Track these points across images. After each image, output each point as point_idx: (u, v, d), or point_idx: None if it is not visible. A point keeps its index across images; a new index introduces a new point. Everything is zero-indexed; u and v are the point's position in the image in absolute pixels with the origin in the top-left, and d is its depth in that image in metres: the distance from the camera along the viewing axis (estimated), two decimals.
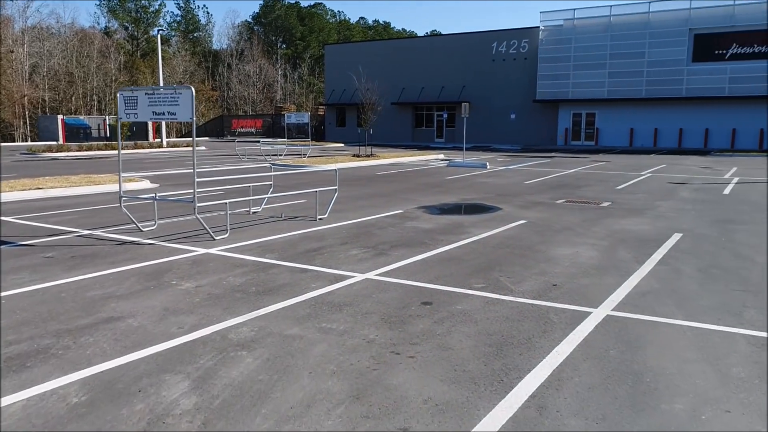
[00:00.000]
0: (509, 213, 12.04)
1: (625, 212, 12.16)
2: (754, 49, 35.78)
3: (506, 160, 27.94)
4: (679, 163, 25.93)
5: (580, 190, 16.24)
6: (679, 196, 14.91)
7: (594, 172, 21.52)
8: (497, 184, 17.79)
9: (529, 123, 44.07)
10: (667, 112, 38.85)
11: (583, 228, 10.30)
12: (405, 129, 50.05)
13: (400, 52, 49.34)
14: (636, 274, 7.06)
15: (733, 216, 11.65)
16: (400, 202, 13.57)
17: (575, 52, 40.82)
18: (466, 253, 8.22)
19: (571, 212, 12.16)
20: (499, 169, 23.20)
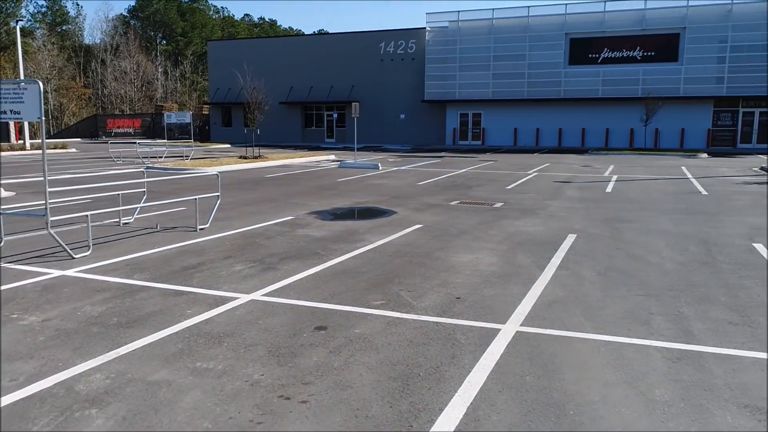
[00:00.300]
0: (405, 217, 11.60)
1: (518, 213, 12.10)
2: (624, 54, 38.16)
3: (398, 161, 27.79)
4: (561, 162, 26.94)
5: (472, 190, 16.19)
6: (567, 194, 15.21)
7: (484, 172, 21.76)
8: (391, 185, 17.40)
9: (419, 123, 44.47)
10: (547, 112, 40.57)
11: (480, 231, 10.03)
12: (294, 129, 48.93)
13: (288, 51, 48.15)
14: (539, 282, 6.77)
15: (619, 214, 11.90)
16: (290, 208, 12.77)
17: (461, 53, 41.63)
18: (362, 264, 7.61)
19: (467, 214, 11.93)
20: (391, 170, 22.91)
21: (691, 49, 36.57)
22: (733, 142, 36.75)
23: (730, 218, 11.36)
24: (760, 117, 36.32)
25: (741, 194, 15.14)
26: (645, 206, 13.07)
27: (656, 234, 9.76)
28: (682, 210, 12.45)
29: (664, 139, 37.66)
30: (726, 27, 35.80)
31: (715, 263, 7.68)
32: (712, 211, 12.25)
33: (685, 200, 14.01)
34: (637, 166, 24.28)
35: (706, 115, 37.21)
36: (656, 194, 15.19)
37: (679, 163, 26.21)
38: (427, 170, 22.51)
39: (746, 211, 12.23)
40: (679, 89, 36.93)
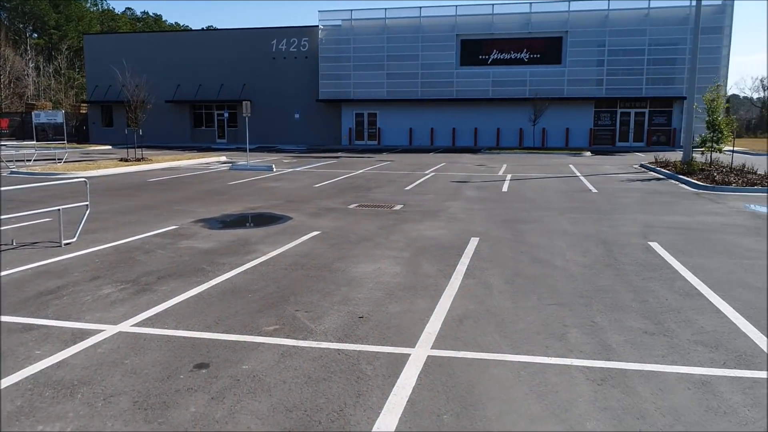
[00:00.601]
0: (301, 223, 10.87)
1: (419, 215, 11.71)
2: (512, 56, 39.35)
3: (293, 162, 26.87)
4: (457, 161, 27.17)
5: (371, 192, 15.70)
6: (465, 195, 15.08)
7: (382, 173, 21.39)
8: (286, 188, 16.56)
9: (314, 123, 43.63)
10: (441, 112, 41.08)
11: (381, 237, 9.50)
12: (183, 129, 46.47)
13: (175, 47, 45.64)
14: (447, 293, 6.30)
15: (518, 214, 11.82)
16: (174, 216, 11.64)
17: (355, 52, 41.25)
18: (254, 280, 6.83)
19: (367, 218, 11.38)
20: (286, 171, 22.00)
21: (573, 52, 38.33)
22: (613, 140, 38.93)
23: (622, 216, 11.57)
24: (635, 117, 38.70)
25: (627, 191, 15.67)
26: (541, 205, 13.13)
27: (557, 235, 9.66)
28: (578, 209, 12.60)
29: (551, 138, 39.25)
30: (604, 32, 37.82)
31: (618, 265, 7.58)
32: (605, 209, 12.47)
33: (579, 198, 14.26)
34: (528, 165, 24.89)
35: (588, 115, 39.16)
36: (551, 193, 15.41)
37: (566, 161, 27.21)
38: (324, 171, 21.82)
39: (635, 209, 12.56)
40: (563, 90, 38.61)
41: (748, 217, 11.35)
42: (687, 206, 12.92)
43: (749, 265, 7.51)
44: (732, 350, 4.69)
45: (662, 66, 37.34)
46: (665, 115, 38.31)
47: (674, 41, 37.14)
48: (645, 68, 37.53)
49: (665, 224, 10.62)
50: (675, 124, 38.13)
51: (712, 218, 11.27)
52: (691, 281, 6.76)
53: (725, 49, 36.44)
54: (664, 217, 11.38)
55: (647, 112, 38.51)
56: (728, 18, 36.29)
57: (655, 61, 37.40)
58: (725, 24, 36.17)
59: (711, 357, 4.55)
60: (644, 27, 37.30)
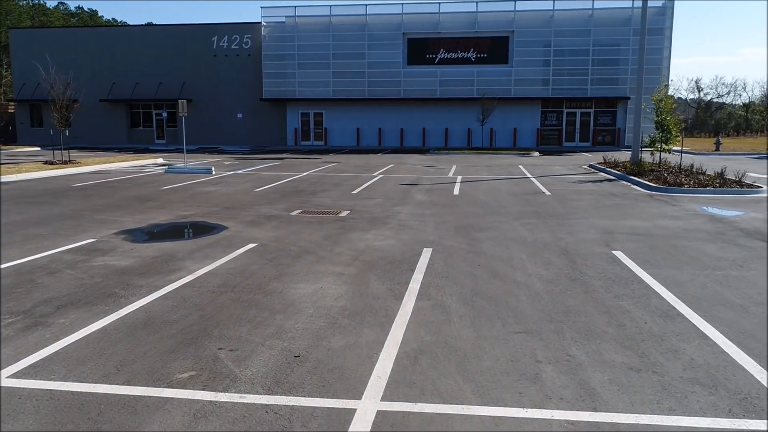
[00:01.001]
0: (237, 233, 9.85)
1: (367, 223, 10.86)
2: (459, 55, 39.00)
3: (234, 164, 25.60)
4: (405, 162, 26.47)
5: (316, 196, 14.75)
6: (415, 199, 14.33)
7: (328, 175, 20.44)
8: (224, 193, 15.43)
9: (259, 123, 42.22)
10: (388, 112, 40.37)
11: (325, 249, 8.60)
12: (119, 129, 44.22)
13: (109, 43, 43.32)
14: (399, 320, 5.47)
15: (472, 221, 11.12)
16: (94, 227, 10.43)
17: (299, 50, 40.08)
18: (173, 308, 5.82)
19: (310, 227, 10.45)
20: (226, 174, 20.78)
21: (520, 52, 38.27)
22: (559, 140, 39.09)
23: (580, 221, 11.03)
24: (581, 117, 38.96)
25: (581, 194, 15.24)
26: (495, 210, 12.49)
27: (515, 244, 8.98)
28: (533, 213, 12.00)
29: (499, 138, 39.08)
30: (549, 32, 37.89)
31: (584, 279, 6.92)
32: (560, 213, 11.92)
33: (533, 202, 13.71)
34: (478, 166, 24.40)
35: (535, 115, 39.19)
36: (503, 196, 14.83)
37: (516, 161, 26.89)
38: (267, 174, 20.71)
39: (592, 213, 12.06)
40: (511, 90, 38.50)
41: (707, 221, 10.97)
42: (643, 209, 12.51)
43: (722, 278, 6.97)
44: (733, 391, 4.01)
45: (606, 66, 37.70)
46: (610, 115, 38.70)
47: (617, 42, 37.54)
48: (590, 68, 37.80)
49: (625, 230, 10.10)
50: (620, 123, 38.57)
51: (672, 222, 10.84)
52: (666, 298, 6.13)
53: (666, 50, 37.06)
54: (623, 222, 10.89)
55: (593, 112, 38.82)
56: (669, 20, 36.92)
57: (600, 62, 37.72)
58: (666, 25, 36.78)
59: (712, 401, 3.86)
60: (588, 27, 37.57)
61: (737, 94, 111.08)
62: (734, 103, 77.88)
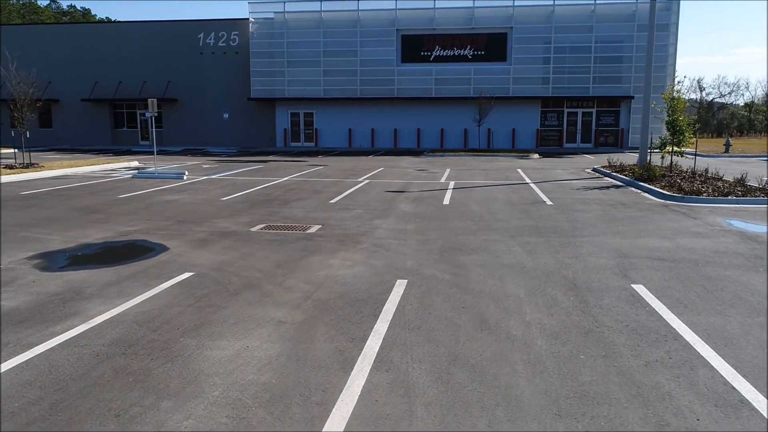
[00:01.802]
0: (176, 257, 8.16)
1: (336, 243, 9.17)
2: (455, 52, 37.29)
3: (213, 167, 23.89)
4: (396, 166, 24.78)
5: (288, 206, 13.05)
6: (399, 210, 12.63)
7: (309, 180, 18.75)
8: (186, 203, 13.73)
9: (247, 123, 40.50)
10: (382, 112, 38.67)
11: (274, 282, 6.91)
12: (103, 130, 42.50)
13: (91, 40, 41.59)
14: (336, 414, 3.76)
15: (461, 239, 9.43)
16: (12, 247, 8.73)
17: (289, 47, 38.36)
18: (22, 389, 4.12)
19: (268, 248, 8.75)
20: (199, 179, 19.08)
21: (519, 49, 36.56)
22: (560, 141, 37.38)
23: (587, 239, 9.33)
24: (582, 117, 37.26)
25: (586, 203, 13.55)
26: (489, 224, 10.80)
27: (510, 273, 7.29)
28: (532, 228, 10.31)
29: (497, 139, 37.37)
30: (549, 28, 36.19)
31: (601, 332, 5.22)
32: (564, 229, 10.23)
33: (532, 213, 12.02)
34: (474, 170, 22.71)
35: (535, 115, 37.48)
36: (499, 206, 13.13)
37: (514, 164, 25.19)
38: (243, 179, 19.01)
39: (601, 228, 10.37)
40: (509, 89, 36.80)
41: (738, 240, 9.27)
42: (660, 223, 10.82)
43: None
44: None
45: (609, 64, 35.99)
46: (613, 115, 36.99)
47: (620, 38, 35.84)
48: (592, 66, 36.10)
49: (643, 252, 8.41)
50: (623, 124, 36.86)
51: (697, 242, 9.14)
52: (718, 369, 4.43)
53: (672, 47, 35.36)
54: (639, 241, 9.20)
55: (595, 112, 37.10)
56: (675, 15, 35.21)
57: (602, 59, 36.02)
58: (672, 21, 35.06)
59: None
60: (590, 24, 35.87)
61: (740, 93, 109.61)
62: (736, 103, 76.32)
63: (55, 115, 42.83)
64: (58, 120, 42.81)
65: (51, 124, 43.04)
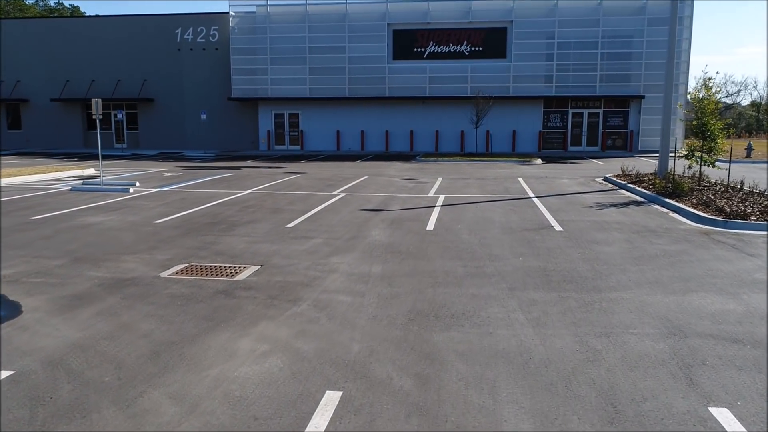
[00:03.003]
0: (14, 332, 5.46)
1: (264, 302, 6.48)
2: (451, 48, 34.56)
3: (176, 176, 21.20)
4: (383, 173, 22.09)
5: (231, 233, 10.35)
6: (369, 239, 9.93)
7: (276, 193, 16.05)
8: (107, 228, 11.04)
9: (227, 125, 37.77)
10: (372, 113, 35.95)
11: (122, 399, 4.20)
12: (74, 132, 39.76)
13: (62, 36, 38.84)
14: None
15: (441, 296, 6.75)
16: None
17: (272, 43, 35.62)
18: None
19: (163, 312, 6.05)
20: (148, 192, 16.39)
21: (519, 45, 33.85)
22: (564, 144, 34.65)
23: (617, 296, 6.64)
24: (588, 118, 34.52)
25: (604, 229, 10.85)
26: (482, 265, 8.11)
27: (509, 377, 4.58)
28: (539, 274, 7.62)
29: (496, 142, 34.64)
30: (552, 22, 33.47)
31: None
32: (583, 275, 7.54)
33: (537, 246, 9.32)
34: (469, 178, 20.00)
35: (537, 116, 34.76)
36: (496, 232, 10.43)
37: (514, 172, 22.49)
38: (200, 192, 16.32)
39: (631, 272, 7.67)
40: (509, 88, 34.08)
41: None
42: (709, 264, 8.12)
43: None
44: None
45: (617, 61, 33.27)
46: (621, 116, 34.26)
47: (629, 33, 33.11)
48: (598, 63, 33.38)
49: (705, 324, 5.71)
50: (632, 125, 34.13)
51: None
52: None
53: (686, 42, 32.60)
54: (691, 299, 6.50)
55: (602, 113, 34.36)
56: (689, 7, 32.46)
57: (610, 56, 33.30)
58: (686, 14, 32.28)
59: None
60: (597, 17, 33.14)
61: (748, 92, 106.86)
62: (741, 103, 73.69)
63: (24, 116, 40.15)
64: (28, 121, 40.12)
65: (20, 126, 40.36)
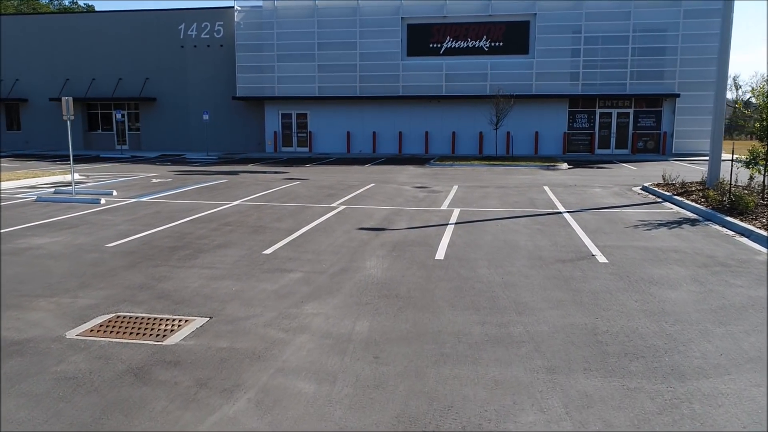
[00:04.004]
0: None
1: (184, 393, 4.34)
2: (469, 44, 32.28)
3: (164, 182, 19.24)
4: (392, 180, 19.92)
5: (191, 263, 8.24)
6: (360, 274, 7.76)
7: (264, 206, 13.97)
8: (38, 256, 9.01)
9: (232, 125, 35.87)
10: (384, 113, 33.78)
11: None
12: (75, 133, 37.97)
13: (62, 33, 37.24)
14: None
15: (448, 382, 4.57)
16: None
17: (279, 39, 33.64)
18: None
19: (21, 414, 3.93)
20: (121, 203, 14.41)
21: (543, 40, 31.46)
22: (591, 147, 32.16)
23: (713, 387, 4.41)
24: (618, 119, 32.00)
25: (660, 260, 8.56)
26: (506, 325, 5.90)
27: None
28: (589, 340, 5.38)
29: (517, 144, 32.29)
30: (579, 15, 31.03)
31: None
32: (652, 347, 5.29)
33: (580, 290, 7.08)
34: (488, 187, 17.75)
35: (561, 116, 32.32)
36: (522, 266, 8.21)
37: (538, 179, 20.18)
38: (180, 204, 14.29)
39: (720, 341, 5.41)
40: (531, 86, 31.72)
41: None
42: None
43: None
44: None
45: (650, 57, 30.73)
46: (653, 116, 31.68)
47: (663, 26, 30.57)
48: (629, 59, 30.88)
49: None
50: (665, 126, 31.53)
51: None
52: None
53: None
54: None
55: (632, 113, 31.83)
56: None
57: (641, 51, 30.78)
58: None
59: None
60: (627, 9, 30.63)
61: None
62: None
63: (23, 117, 38.65)
64: (27, 122, 38.62)
65: (19, 126, 38.88)
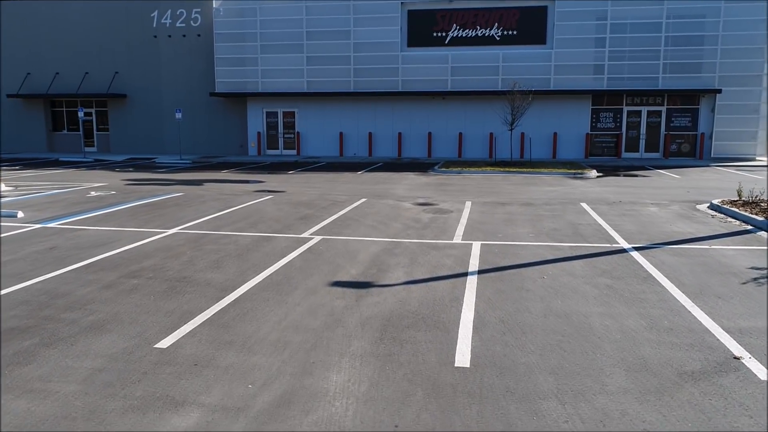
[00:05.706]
0: None
1: None
2: (478, 32, 28.37)
3: (100, 197, 15.36)
4: (388, 193, 16.04)
5: (14, 376, 4.35)
6: (316, 413, 3.85)
7: (209, 237, 10.08)
8: None
9: (211, 125, 31.98)
10: (382, 111, 29.88)
11: None
12: (37, 134, 34.27)
13: (22, 22, 33.35)
14: None
15: None
16: None
17: (263, 28, 29.74)
18: None
19: None
20: (23, 230, 10.56)
21: (562, 28, 27.54)
22: (617, 150, 28.22)
23: None
24: (648, 118, 28.08)
25: None
26: None
27: None
28: None
29: (534, 146, 28.32)
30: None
31: None
32: None
33: None
34: (510, 204, 13.84)
35: (584, 114, 28.40)
36: (623, 397, 4.30)
37: (570, 191, 16.26)
38: (94, 233, 10.40)
39: None
40: (549, 81, 27.81)
41: None
42: None
43: None
44: None
45: (685, 47, 26.80)
46: (689, 115, 27.73)
47: (701, 12, 26.64)
48: (662, 50, 26.95)
49: None
50: (702, 127, 27.59)
51: None
52: None
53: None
54: None
55: (664, 111, 27.90)
56: None
57: (676, 41, 26.85)
58: None
59: None
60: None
61: None
62: None
63: None
64: None
65: None
